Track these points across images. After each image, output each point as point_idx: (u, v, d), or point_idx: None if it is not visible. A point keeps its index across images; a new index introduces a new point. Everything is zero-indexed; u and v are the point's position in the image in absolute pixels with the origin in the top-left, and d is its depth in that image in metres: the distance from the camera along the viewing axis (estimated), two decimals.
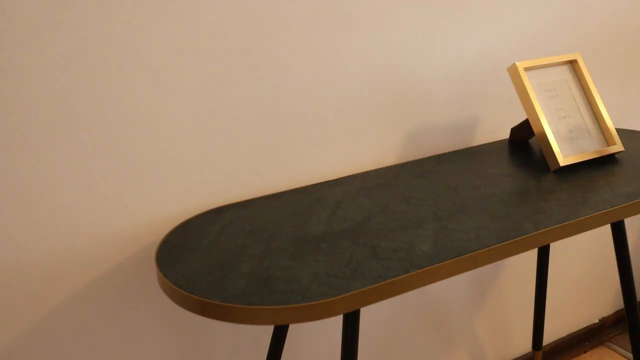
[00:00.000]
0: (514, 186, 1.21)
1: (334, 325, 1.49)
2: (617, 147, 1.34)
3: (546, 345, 1.97)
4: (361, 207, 1.15)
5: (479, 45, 1.49)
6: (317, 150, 1.33)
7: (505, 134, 1.61)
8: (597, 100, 1.36)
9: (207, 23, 1.13)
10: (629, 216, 1.15)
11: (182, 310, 1.26)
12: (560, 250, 1.89)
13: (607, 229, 1.98)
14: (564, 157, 1.29)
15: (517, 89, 1.31)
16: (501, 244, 0.99)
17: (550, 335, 1.99)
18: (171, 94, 1.13)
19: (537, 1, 1.55)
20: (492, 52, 1.52)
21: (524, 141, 1.51)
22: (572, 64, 1.39)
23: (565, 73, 1.38)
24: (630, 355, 1.98)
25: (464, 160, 1.39)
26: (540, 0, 1.56)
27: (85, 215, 1.10)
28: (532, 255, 1.81)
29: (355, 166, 1.39)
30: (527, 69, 1.32)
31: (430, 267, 0.92)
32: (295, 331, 1.43)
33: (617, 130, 1.55)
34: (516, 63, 1.30)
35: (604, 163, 1.31)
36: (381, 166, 1.42)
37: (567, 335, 2.03)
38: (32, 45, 0.99)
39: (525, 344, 1.93)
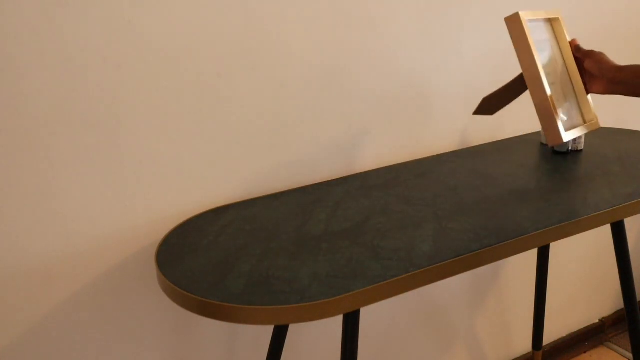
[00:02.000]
0: (514, 186, 1.21)
1: (334, 325, 1.49)
2: (595, 123, 1.21)
3: (546, 345, 1.97)
4: (361, 207, 1.15)
5: (480, 46, 1.49)
6: (317, 150, 1.33)
7: (505, 134, 1.61)
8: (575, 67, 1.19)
9: (207, 22, 1.13)
10: (629, 216, 1.15)
11: (182, 310, 1.26)
12: (560, 250, 1.89)
13: (607, 229, 1.98)
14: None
15: (518, 45, 1.09)
16: (501, 244, 0.99)
17: (550, 335, 1.99)
18: (171, 93, 1.13)
19: (536, 1, 1.55)
20: (493, 52, 1.52)
21: (489, 115, 1.32)
22: (552, 22, 1.21)
23: (549, 32, 1.20)
24: (630, 355, 1.98)
25: (464, 160, 1.39)
26: (539, 1, 1.56)
27: (85, 215, 1.10)
28: (532, 255, 1.81)
29: (355, 166, 1.39)
30: (529, 22, 1.12)
31: (430, 267, 0.92)
32: (295, 331, 1.43)
33: (617, 130, 1.55)
34: (520, 13, 1.09)
35: (603, 162, 1.31)
36: (381, 166, 1.42)
37: (567, 335, 2.03)
38: (32, 45, 0.99)
39: (525, 344, 1.93)
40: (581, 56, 1.17)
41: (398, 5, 1.34)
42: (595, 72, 1.14)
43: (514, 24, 1.09)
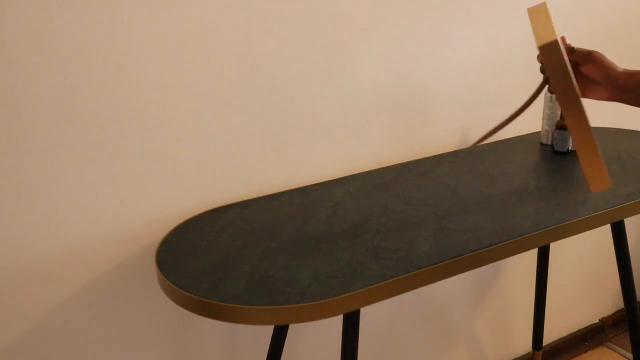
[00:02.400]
0: (514, 186, 1.21)
1: (334, 325, 1.49)
2: None
3: (546, 345, 1.97)
4: (361, 207, 1.15)
5: (479, 47, 1.49)
6: (317, 150, 1.33)
7: (504, 134, 1.61)
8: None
9: (208, 23, 1.13)
10: (629, 216, 1.15)
11: (182, 310, 1.26)
12: (560, 250, 1.89)
13: (607, 229, 1.98)
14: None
15: (554, 73, 0.87)
16: (501, 244, 0.99)
17: (550, 335, 1.99)
18: (171, 94, 1.13)
19: (537, 3, 1.55)
20: (492, 53, 1.52)
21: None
22: None
23: None
24: (630, 355, 1.98)
25: (464, 160, 1.39)
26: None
27: (85, 215, 1.10)
28: (532, 255, 1.81)
29: (355, 166, 1.39)
30: None
31: (430, 267, 0.92)
32: (295, 331, 1.43)
33: (617, 130, 1.55)
34: (558, 38, 0.88)
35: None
36: (381, 166, 1.42)
37: (567, 335, 2.03)
38: (32, 45, 0.99)
39: (525, 344, 1.93)
40: (578, 59, 0.98)
41: (398, 5, 1.34)
42: (600, 78, 0.96)
43: (552, 50, 0.87)
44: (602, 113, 1.79)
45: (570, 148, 1.40)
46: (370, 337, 1.56)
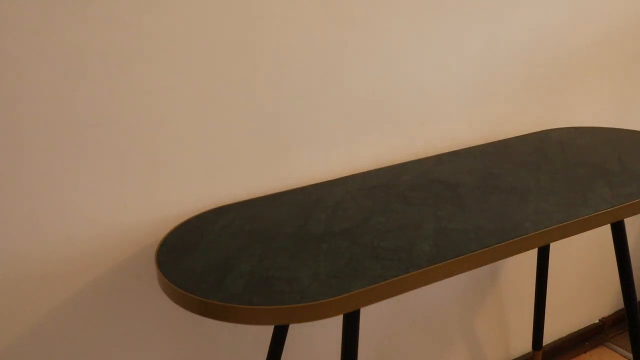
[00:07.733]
0: (515, 186, 1.21)
1: (334, 325, 1.49)
2: None
3: (546, 345, 1.97)
4: (361, 207, 1.15)
5: (479, 46, 1.49)
6: (317, 150, 1.33)
7: (505, 134, 1.61)
8: None
9: (207, 23, 1.13)
10: (629, 216, 1.15)
11: (182, 310, 1.26)
12: (560, 250, 1.89)
13: (607, 229, 1.98)
14: None
15: None
16: (501, 244, 0.99)
17: (550, 335, 1.99)
18: (171, 93, 1.13)
19: (536, 4, 1.55)
20: (492, 52, 1.52)
21: None
22: None
23: None
24: (630, 355, 1.98)
25: (464, 160, 1.39)
26: (539, 3, 1.56)
27: (85, 215, 1.10)
28: (532, 255, 1.81)
29: (355, 166, 1.39)
30: None
31: (430, 267, 0.92)
32: (295, 331, 1.43)
33: (617, 130, 1.55)
34: None
35: (603, 162, 1.31)
36: (381, 166, 1.42)
37: (567, 335, 2.03)
38: (32, 45, 0.99)
39: (525, 344, 1.93)
40: None
41: (398, 5, 1.34)
42: None
43: None
44: (602, 113, 1.79)
45: None
46: (370, 337, 1.56)
